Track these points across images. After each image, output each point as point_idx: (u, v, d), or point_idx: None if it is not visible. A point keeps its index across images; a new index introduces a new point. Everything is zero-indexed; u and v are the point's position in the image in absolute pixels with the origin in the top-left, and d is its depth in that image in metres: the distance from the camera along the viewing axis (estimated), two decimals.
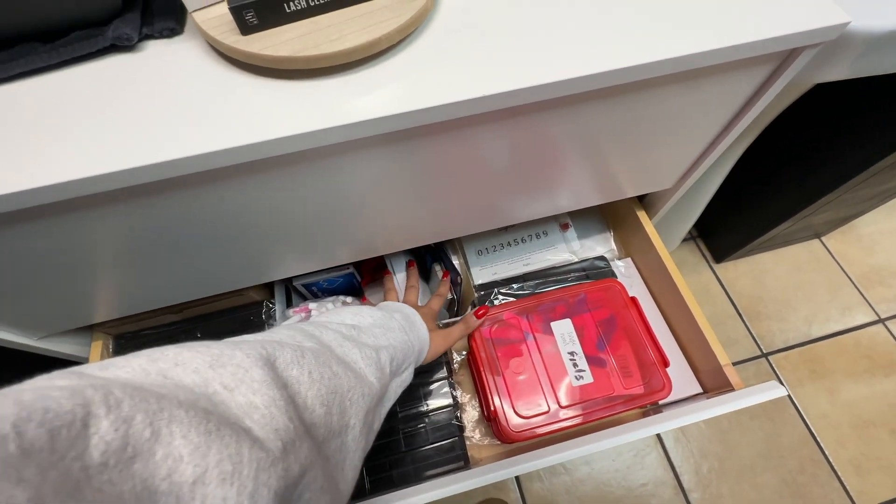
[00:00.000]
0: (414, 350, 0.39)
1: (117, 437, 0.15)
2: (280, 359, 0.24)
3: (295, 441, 0.21)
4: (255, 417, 0.20)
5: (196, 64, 0.32)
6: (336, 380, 0.27)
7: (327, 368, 0.26)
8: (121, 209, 0.33)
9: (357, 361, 0.31)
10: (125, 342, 0.55)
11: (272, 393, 0.21)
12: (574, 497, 0.95)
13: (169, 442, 0.16)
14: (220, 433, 0.17)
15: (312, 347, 0.28)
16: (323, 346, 0.29)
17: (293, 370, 0.24)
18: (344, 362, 0.29)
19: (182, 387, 0.19)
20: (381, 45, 0.30)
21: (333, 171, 0.35)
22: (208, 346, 0.22)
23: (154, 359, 0.20)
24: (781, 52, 0.35)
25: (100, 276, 0.42)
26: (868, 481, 0.93)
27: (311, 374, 0.25)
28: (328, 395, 0.25)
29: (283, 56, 0.29)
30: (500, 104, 0.31)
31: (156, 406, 0.16)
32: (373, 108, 0.29)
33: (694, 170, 0.50)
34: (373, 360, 0.32)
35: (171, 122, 0.29)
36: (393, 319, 0.39)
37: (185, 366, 0.20)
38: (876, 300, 1.10)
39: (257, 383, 0.21)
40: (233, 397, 0.20)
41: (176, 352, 0.21)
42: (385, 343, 0.35)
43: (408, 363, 0.38)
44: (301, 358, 0.25)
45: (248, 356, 0.22)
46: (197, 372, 0.20)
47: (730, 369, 0.48)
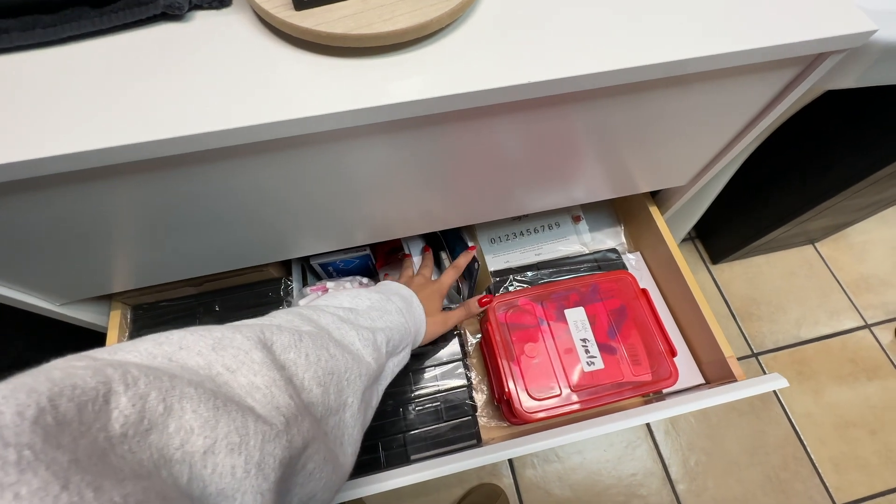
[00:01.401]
0: (410, 332, 0.40)
1: (135, 411, 0.16)
2: (277, 342, 0.25)
3: (297, 416, 0.22)
4: (256, 397, 0.21)
5: (244, 36, 0.32)
6: (333, 361, 0.28)
7: (324, 351, 0.28)
8: (151, 180, 0.33)
9: (354, 343, 0.32)
10: (143, 312, 0.56)
11: (272, 374, 0.22)
12: (565, 484, 0.98)
13: (180, 416, 0.17)
14: (227, 408, 0.19)
15: (310, 331, 0.29)
16: (320, 330, 0.30)
17: (290, 353, 0.26)
18: (341, 344, 0.30)
19: (187, 368, 0.20)
20: (431, 28, 0.31)
21: (362, 151, 0.36)
22: (210, 330, 0.23)
23: (159, 342, 0.21)
24: (807, 57, 0.36)
25: (121, 246, 0.42)
26: (846, 479, 0.97)
27: (308, 357, 0.26)
28: (325, 376, 0.27)
29: (338, 33, 0.29)
30: (541, 93, 0.32)
31: (168, 384, 0.18)
32: (417, 90, 0.30)
33: (709, 168, 0.52)
34: (370, 342, 0.33)
35: (216, 93, 0.30)
36: (390, 302, 0.40)
37: (189, 349, 0.21)
38: (863, 306, 1.14)
39: (257, 365, 0.22)
40: (235, 378, 0.21)
41: (180, 336, 0.22)
42: (382, 325, 0.36)
43: (404, 344, 0.39)
44: (298, 341, 0.26)
45: (247, 339, 0.23)
46: (200, 354, 0.21)
47: (733, 361, 0.50)
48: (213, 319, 0.56)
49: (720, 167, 0.52)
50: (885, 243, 1.22)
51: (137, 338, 0.21)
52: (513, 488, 0.98)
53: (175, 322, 0.56)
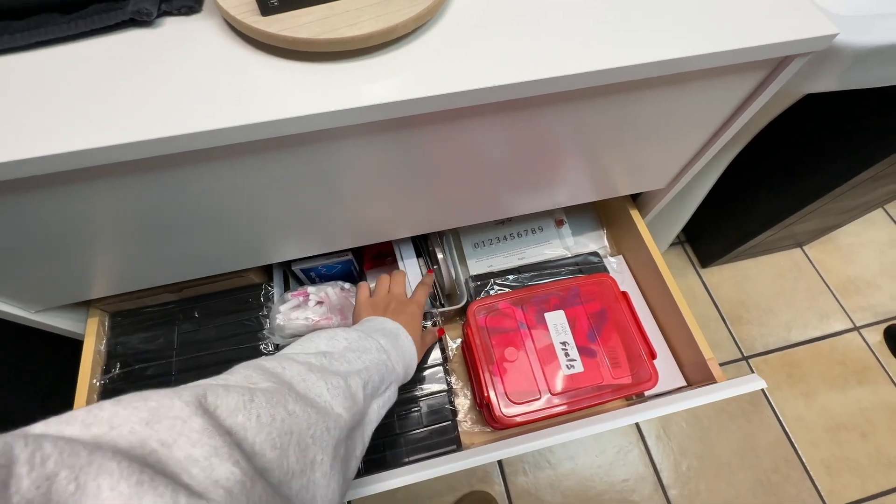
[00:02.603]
0: (395, 370, 0.38)
1: (38, 494, 0.15)
2: (223, 406, 0.24)
3: (244, 483, 0.21)
4: (193, 472, 0.20)
5: (213, 42, 0.33)
6: (292, 419, 0.26)
7: (280, 409, 0.26)
8: (124, 183, 0.33)
9: (322, 395, 0.30)
10: (122, 319, 0.55)
11: (212, 441, 0.21)
12: (557, 491, 0.97)
13: (96, 494, 0.16)
14: (153, 483, 0.17)
15: (267, 388, 0.27)
16: (282, 384, 0.29)
17: (238, 416, 0.24)
18: (305, 398, 0.29)
19: (118, 451, 0.19)
20: (396, 33, 0.31)
21: (340, 155, 0.36)
22: (146, 400, 0.22)
23: (88, 424, 0.20)
24: (773, 60, 0.37)
25: (98, 250, 0.42)
26: (838, 482, 0.97)
27: (260, 418, 0.25)
28: (281, 437, 0.25)
29: (303, 38, 0.29)
30: (507, 96, 0.32)
31: (85, 460, 0.16)
32: (385, 94, 0.30)
33: (686, 171, 0.52)
34: (340, 390, 0.31)
35: (185, 97, 0.30)
36: (370, 340, 0.38)
37: (120, 427, 0.20)
38: (852, 308, 1.15)
39: (196, 434, 0.21)
40: (171, 453, 0.20)
41: (112, 412, 0.20)
42: (359, 367, 0.35)
43: (388, 382, 0.37)
44: (249, 402, 0.25)
45: (186, 405, 0.22)
46: (133, 433, 0.20)
47: (713, 363, 0.50)
48: (191, 326, 0.55)
49: (698, 168, 0.52)
50: (872, 245, 1.23)
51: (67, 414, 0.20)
52: (504, 495, 0.97)
53: (153, 329, 0.55)
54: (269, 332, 0.55)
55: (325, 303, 0.56)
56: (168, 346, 0.54)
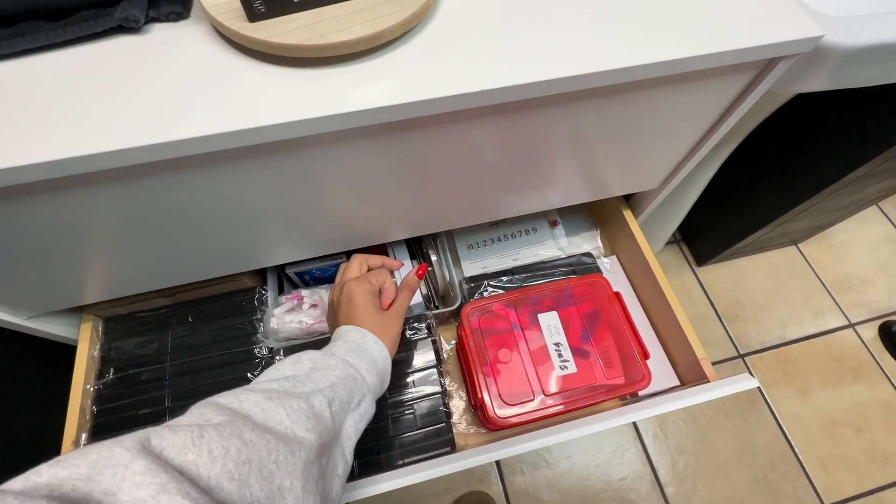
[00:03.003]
0: (365, 381, 0.37)
1: None
2: (170, 447, 0.24)
3: None
4: None
5: (201, 48, 0.33)
6: (248, 448, 0.26)
7: (235, 439, 0.26)
8: (116, 189, 0.33)
9: (283, 421, 0.30)
10: (115, 324, 0.55)
11: (158, 479, 0.21)
12: (555, 490, 0.97)
13: None
14: None
15: (219, 422, 0.27)
16: (236, 417, 0.28)
17: (188, 455, 0.24)
18: (263, 427, 0.28)
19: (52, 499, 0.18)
20: (384, 38, 0.31)
21: (331, 159, 0.36)
22: (85, 455, 0.21)
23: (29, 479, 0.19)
24: (760, 62, 0.37)
25: (91, 256, 0.42)
26: (834, 478, 0.97)
27: (212, 452, 0.24)
28: (238, 468, 0.25)
29: (291, 44, 0.30)
30: (496, 100, 0.32)
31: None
32: (373, 98, 0.30)
33: (678, 171, 0.52)
34: (302, 412, 0.31)
35: (173, 104, 0.30)
36: (332, 356, 0.37)
37: (60, 488, 0.20)
38: (847, 305, 1.15)
39: (140, 475, 0.21)
40: (116, 501, 0.20)
41: (50, 474, 0.20)
42: (324, 384, 0.34)
43: (360, 396, 0.36)
44: (198, 438, 0.25)
45: (128, 451, 0.22)
46: (75, 490, 0.20)
47: (706, 363, 0.50)
48: (185, 330, 0.55)
49: (689, 169, 0.52)
50: (866, 242, 1.23)
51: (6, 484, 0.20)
52: (502, 495, 0.97)
53: (147, 333, 0.55)
54: (263, 336, 0.55)
55: (319, 306, 0.56)
56: (162, 350, 0.54)
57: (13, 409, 0.59)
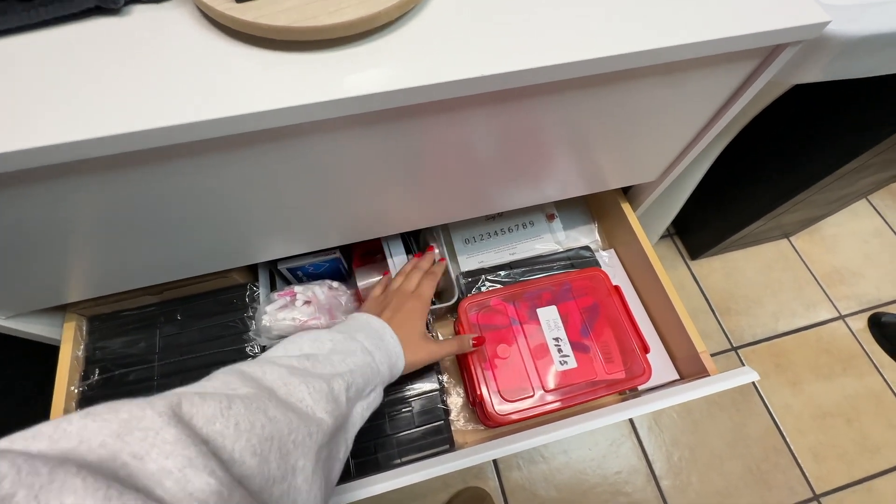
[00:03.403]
0: (379, 371, 0.38)
1: None
2: (199, 414, 0.24)
3: (220, 492, 0.20)
4: (167, 484, 0.19)
5: (185, 30, 0.31)
6: (272, 425, 0.26)
7: (261, 414, 0.26)
8: (97, 180, 0.31)
9: (304, 399, 0.30)
10: (100, 323, 0.53)
11: (186, 452, 0.21)
12: (551, 485, 0.97)
13: None
14: (122, 499, 0.17)
15: (246, 394, 0.27)
16: (262, 390, 0.28)
17: (216, 424, 0.24)
18: (286, 403, 0.28)
19: (88, 465, 0.18)
20: (379, 20, 0.30)
21: (322, 149, 0.35)
22: (116, 411, 0.21)
23: (55, 440, 0.19)
24: (765, 49, 0.36)
25: (73, 252, 0.40)
26: (825, 467, 0.99)
27: (239, 425, 0.24)
28: (261, 444, 0.25)
29: (280, 26, 0.28)
30: (497, 86, 0.31)
31: (46, 478, 0.16)
32: (369, 84, 0.29)
33: (678, 163, 0.52)
34: (323, 393, 0.31)
35: (155, 90, 0.28)
36: (354, 341, 0.37)
37: (89, 441, 0.19)
38: (837, 297, 1.17)
39: (170, 445, 0.20)
40: (144, 466, 0.19)
41: (80, 426, 0.20)
42: (342, 370, 0.34)
43: (372, 385, 0.37)
44: (227, 409, 0.25)
45: (159, 415, 0.21)
46: (103, 446, 0.19)
47: (706, 356, 0.50)
48: (174, 328, 0.54)
49: (689, 161, 0.52)
50: (855, 235, 1.25)
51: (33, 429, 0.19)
52: (498, 491, 0.97)
53: (134, 332, 0.53)
54: (256, 334, 0.54)
55: (313, 302, 0.55)
56: (150, 350, 0.52)
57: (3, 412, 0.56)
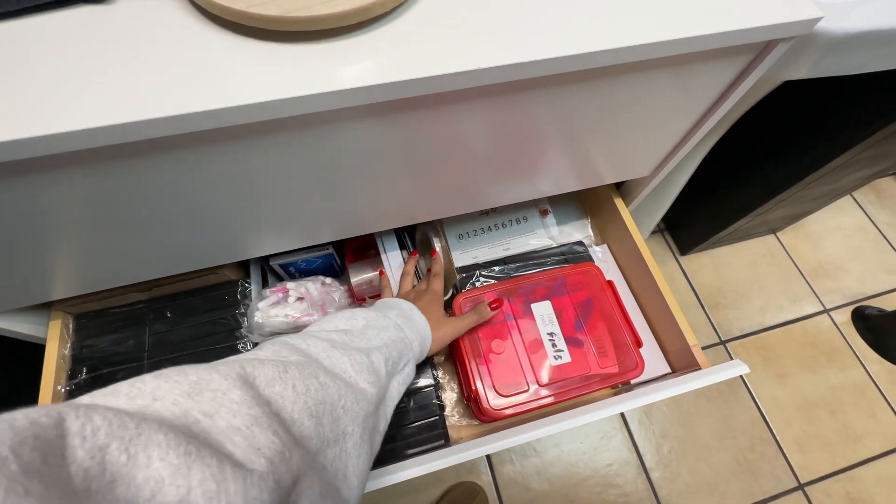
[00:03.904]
0: (412, 346, 0.39)
1: (94, 463, 0.15)
2: (260, 377, 0.25)
3: (284, 453, 0.21)
4: (236, 440, 0.20)
5: (173, 20, 0.30)
6: (324, 390, 0.27)
7: (313, 380, 0.27)
8: (83, 173, 0.30)
9: (347, 371, 0.31)
10: (87, 321, 0.52)
11: (252, 411, 0.22)
12: (544, 478, 0.98)
13: (147, 465, 0.16)
14: (200, 454, 0.18)
15: (297, 360, 0.28)
16: (309, 359, 0.29)
17: (276, 386, 0.25)
18: (332, 373, 0.29)
19: (162, 421, 0.19)
20: (375, 11, 0.29)
21: (315, 141, 0.34)
22: (185, 374, 0.22)
23: (132, 397, 0.20)
24: (758, 44, 0.36)
25: (58, 248, 0.39)
26: (809, 457, 1.01)
27: (296, 388, 0.25)
28: (316, 406, 0.26)
29: (273, 16, 0.27)
30: (493, 79, 0.31)
31: (133, 431, 0.17)
32: (362, 77, 0.29)
33: (671, 158, 0.52)
34: (364, 366, 0.32)
35: (143, 80, 0.27)
36: (387, 318, 0.39)
37: (163, 399, 0.21)
38: (822, 291, 1.19)
39: (237, 405, 0.22)
40: (214, 423, 0.21)
41: (154, 385, 0.21)
42: (378, 343, 0.35)
43: (406, 360, 0.38)
44: (284, 373, 0.26)
45: (225, 378, 0.23)
46: (176, 404, 0.21)
47: (697, 350, 0.51)
48: (164, 326, 0.53)
49: (682, 156, 0.52)
50: (840, 231, 1.28)
51: (111, 387, 0.21)
52: (491, 485, 0.97)
53: (122, 330, 0.52)
54: (248, 331, 0.53)
55: (306, 299, 0.54)
56: (139, 347, 0.52)
57: None
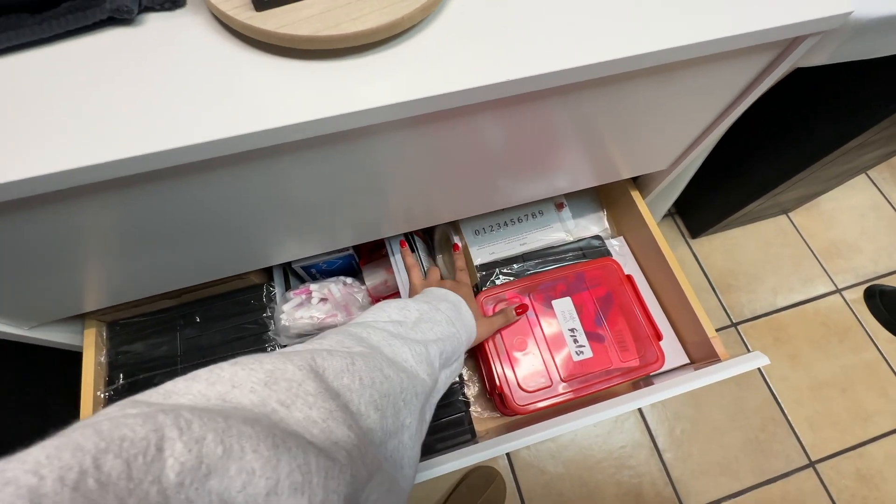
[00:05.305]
0: (462, 341, 0.39)
1: (191, 456, 0.15)
2: (329, 369, 0.25)
3: (358, 447, 0.21)
4: (314, 432, 0.20)
5: (202, 40, 0.30)
6: (388, 383, 0.27)
7: (378, 372, 0.27)
8: (114, 198, 0.31)
9: (408, 360, 0.31)
10: (120, 329, 0.54)
11: (327, 405, 0.22)
12: (559, 461, 1.01)
13: (241, 457, 0.16)
14: (286, 445, 0.18)
15: (362, 352, 0.28)
16: (372, 349, 0.29)
17: (344, 379, 0.25)
18: (394, 363, 0.29)
19: (241, 408, 0.20)
20: (402, 26, 0.29)
21: (343, 155, 0.34)
22: (261, 362, 0.22)
23: (211, 382, 0.20)
24: (784, 41, 0.36)
25: (93, 265, 0.40)
26: (820, 436, 1.03)
27: (363, 381, 0.25)
28: (381, 399, 0.26)
29: (304, 35, 0.27)
30: (521, 89, 0.31)
31: (223, 424, 0.17)
32: (394, 93, 0.29)
33: (689, 152, 0.52)
34: (423, 357, 0.32)
35: (175, 105, 0.28)
36: (439, 311, 0.39)
37: (241, 387, 0.21)
38: (834, 271, 1.19)
39: (312, 397, 0.22)
40: (291, 413, 0.21)
41: (231, 372, 0.21)
42: (433, 337, 0.36)
43: (457, 355, 0.39)
44: (351, 365, 0.26)
45: (299, 369, 0.23)
46: (254, 391, 0.21)
47: (716, 341, 0.51)
48: (194, 331, 0.54)
49: (702, 150, 0.52)
50: (852, 210, 1.26)
51: (190, 374, 0.21)
52: (508, 469, 1.00)
53: (154, 336, 0.54)
54: (275, 334, 0.54)
55: (329, 299, 0.55)
56: (172, 352, 0.53)
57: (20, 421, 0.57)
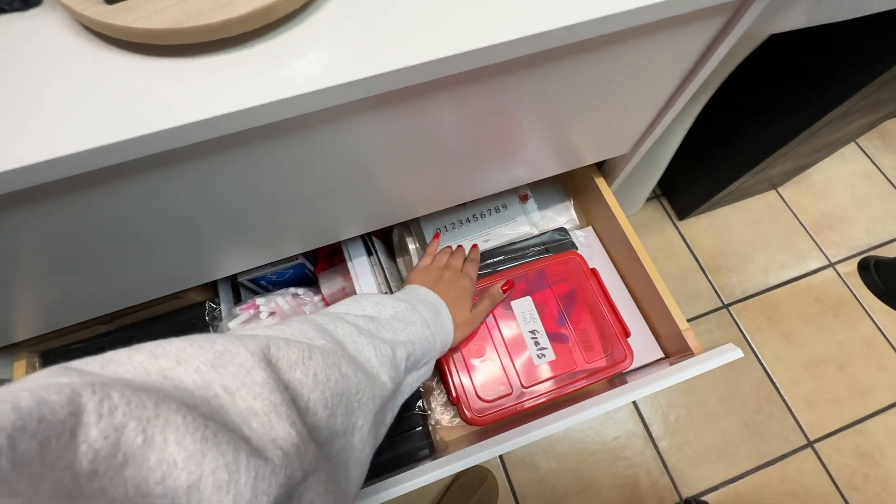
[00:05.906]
0: (435, 346, 0.38)
1: (107, 444, 0.15)
2: (283, 359, 0.24)
3: (299, 446, 0.21)
4: (253, 426, 0.20)
5: (60, 43, 0.27)
6: (344, 382, 0.26)
7: (335, 370, 0.26)
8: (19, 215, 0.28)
9: (370, 360, 0.30)
10: (53, 359, 0.51)
11: (273, 398, 0.21)
12: (552, 456, 0.98)
13: (163, 448, 0.16)
14: (216, 440, 0.17)
15: (323, 346, 0.27)
16: (335, 344, 0.28)
17: (297, 372, 0.24)
18: (356, 361, 0.29)
19: (182, 388, 0.19)
20: (279, 12, 0.25)
21: (266, 154, 0.31)
22: (212, 342, 0.21)
23: (156, 355, 0.20)
24: (731, 3, 0.32)
25: (14, 291, 0.37)
26: (818, 414, 1.00)
27: (317, 377, 0.24)
28: (332, 398, 0.25)
29: (162, 29, 0.24)
30: (427, 75, 0.27)
31: (152, 412, 0.16)
32: (282, 86, 0.25)
33: (650, 133, 0.48)
34: (387, 358, 0.31)
35: (34, 114, 0.24)
36: (415, 312, 0.37)
37: (187, 364, 0.20)
38: (826, 245, 1.15)
39: (259, 386, 0.21)
40: (233, 401, 0.20)
41: (179, 347, 0.20)
42: (404, 339, 0.34)
43: (427, 358, 0.37)
44: (308, 359, 0.25)
45: (251, 354, 0.22)
46: (199, 371, 0.20)
47: (689, 333, 0.48)
48: None
49: (662, 129, 0.48)
50: (843, 180, 1.22)
51: (136, 345, 0.20)
52: (500, 467, 0.98)
53: None
54: None
55: (278, 313, 0.52)
56: None
57: None
